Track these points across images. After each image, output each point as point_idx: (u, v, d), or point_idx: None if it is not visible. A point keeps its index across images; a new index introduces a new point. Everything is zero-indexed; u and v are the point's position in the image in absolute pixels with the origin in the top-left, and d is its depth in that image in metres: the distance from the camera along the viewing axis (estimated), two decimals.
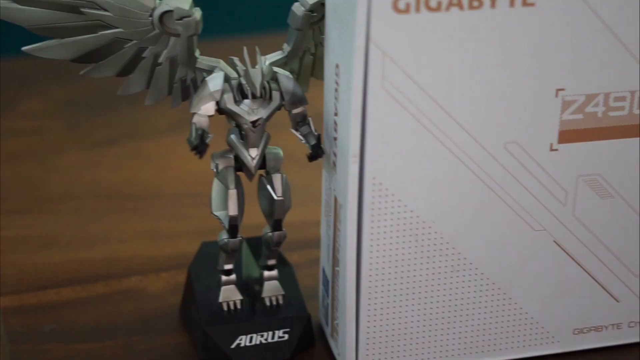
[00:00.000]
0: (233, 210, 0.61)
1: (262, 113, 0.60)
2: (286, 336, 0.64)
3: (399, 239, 0.60)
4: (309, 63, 0.64)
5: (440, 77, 0.57)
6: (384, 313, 0.61)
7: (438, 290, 0.61)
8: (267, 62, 0.61)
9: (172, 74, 0.62)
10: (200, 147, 0.59)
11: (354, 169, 0.58)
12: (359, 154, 0.57)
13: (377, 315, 0.61)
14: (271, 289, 0.65)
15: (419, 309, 0.62)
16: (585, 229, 0.62)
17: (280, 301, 0.65)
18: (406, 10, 0.55)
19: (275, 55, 0.62)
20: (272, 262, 0.65)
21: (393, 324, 0.62)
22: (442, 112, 0.57)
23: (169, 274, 0.72)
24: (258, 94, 0.59)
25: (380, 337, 0.62)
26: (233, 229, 0.62)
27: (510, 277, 0.62)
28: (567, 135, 0.60)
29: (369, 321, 0.61)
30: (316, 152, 0.61)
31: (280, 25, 0.64)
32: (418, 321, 0.62)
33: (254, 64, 0.60)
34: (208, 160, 0.65)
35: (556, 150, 0.60)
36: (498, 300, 0.62)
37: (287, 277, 0.67)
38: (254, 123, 0.60)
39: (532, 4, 0.56)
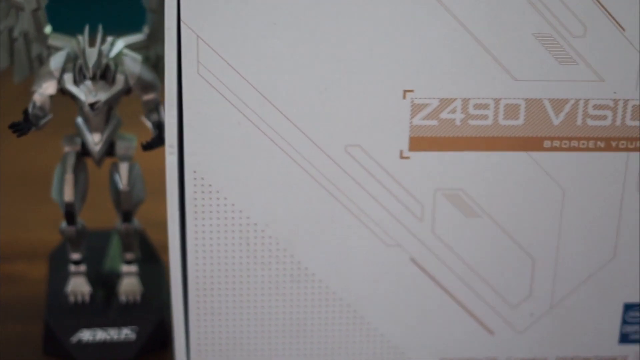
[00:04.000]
0: (68, 196, 0.58)
1: (102, 96, 0.57)
2: (134, 335, 0.60)
3: (228, 240, 0.55)
4: None
5: (264, 67, 0.51)
6: (216, 320, 0.56)
7: (277, 300, 0.56)
8: (123, 44, 0.58)
9: (30, 51, 0.59)
10: (20, 125, 0.56)
11: (171, 160, 0.53)
12: (177, 144, 0.53)
13: (209, 322, 0.56)
14: (127, 285, 0.62)
15: (255, 319, 0.56)
16: (448, 249, 0.56)
17: (137, 298, 0.62)
18: None
19: (135, 38, 0.59)
20: (129, 256, 0.61)
21: (227, 332, 0.57)
22: (269, 105, 0.52)
23: None
24: (90, 74, 0.56)
25: (213, 346, 0.57)
26: (69, 216, 0.58)
27: (361, 294, 0.56)
28: (420, 143, 0.53)
29: (199, 326, 0.57)
30: (152, 141, 0.57)
31: None
32: (256, 332, 0.57)
33: (94, 43, 0.57)
34: None
35: (407, 158, 0.54)
36: (348, 318, 0.57)
37: (155, 275, 0.63)
38: (92, 106, 0.57)
39: None
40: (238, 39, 0.51)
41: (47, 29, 0.58)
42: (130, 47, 0.58)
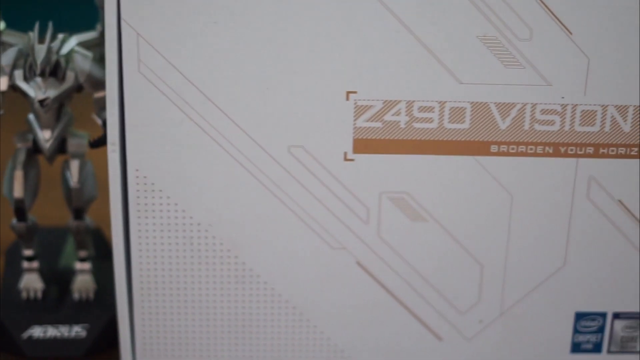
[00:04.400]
0: (18, 192, 0.58)
1: (52, 93, 0.57)
2: (84, 333, 0.60)
3: (172, 239, 0.54)
4: None
5: (206, 66, 0.51)
6: (161, 319, 0.56)
7: (221, 301, 0.56)
8: (76, 42, 0.58)
9: None
10: None
11: (113, 157, 0.53)
12: (119, 142, 0.53)
13: (154, 321, 0.56)
14: (80, 282, 0.61)
15: (200, 319, 0.56)
16: (395, 253, 0.55)
17: (91, 296, 0.62)
18: None
19: (88, 35, 0.59)
20: (82, 253, 0.61)
21: (172, 331, 0.56)
22: (211, 105, 0.52)
23: None
24: (38, 71, 0.56)
25: (159, 345, 0.57)
26: (18, 212, 0.58)
27: (307, 297, 0.56)
28: (365, 145, 0.53)
29: (144, 325, 0.56)
30: (99, 139, 0.57)
31: None
32: (201, 331, 0.56)
33: (44, 40, 0.57)
34: None
35: (352, 160, 0.53)
36: (294, 321, 0.56)
37: (110, 272, 0.63)
38: (41, 102, 0.57)
39: None
40: (179, 37, 0.51)
41: (1, 25, 0.58)
42: (83, 44, 0.58)
